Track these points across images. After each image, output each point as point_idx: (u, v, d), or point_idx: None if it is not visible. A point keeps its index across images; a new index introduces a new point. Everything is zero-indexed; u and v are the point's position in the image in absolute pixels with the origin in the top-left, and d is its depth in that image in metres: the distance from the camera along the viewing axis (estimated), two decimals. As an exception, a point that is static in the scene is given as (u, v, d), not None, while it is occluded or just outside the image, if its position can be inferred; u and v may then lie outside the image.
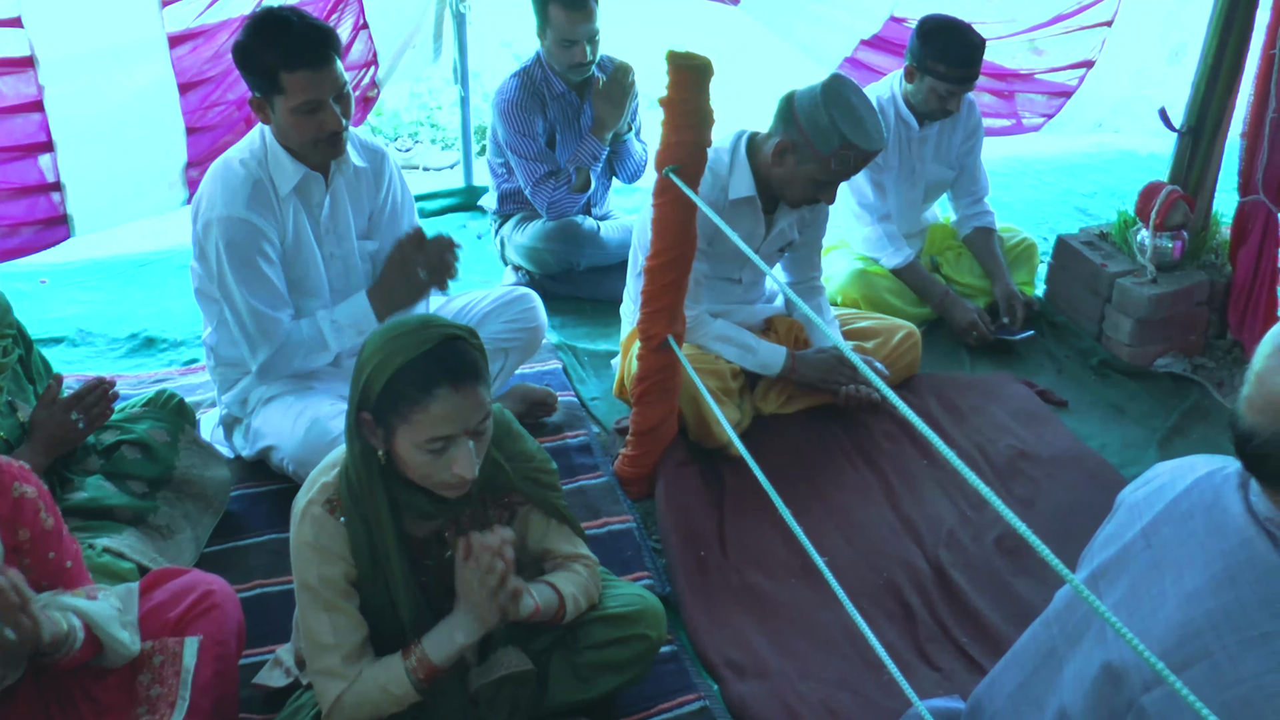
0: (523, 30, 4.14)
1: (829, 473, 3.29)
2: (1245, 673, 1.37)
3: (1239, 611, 1.41)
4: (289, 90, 2.70)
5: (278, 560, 2.84)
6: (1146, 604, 1.54)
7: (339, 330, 2.99)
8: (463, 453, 1.99)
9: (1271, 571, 1.42)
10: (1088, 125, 5.39)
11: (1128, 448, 3.57)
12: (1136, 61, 5.04)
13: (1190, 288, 3.95)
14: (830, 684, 2.56)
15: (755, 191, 3.24)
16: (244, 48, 2.71)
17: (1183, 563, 1.52)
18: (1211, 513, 1.54)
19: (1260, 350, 1.44)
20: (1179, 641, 1.44)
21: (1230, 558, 1.46)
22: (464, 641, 2.09)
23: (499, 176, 4.30)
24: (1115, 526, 1.72)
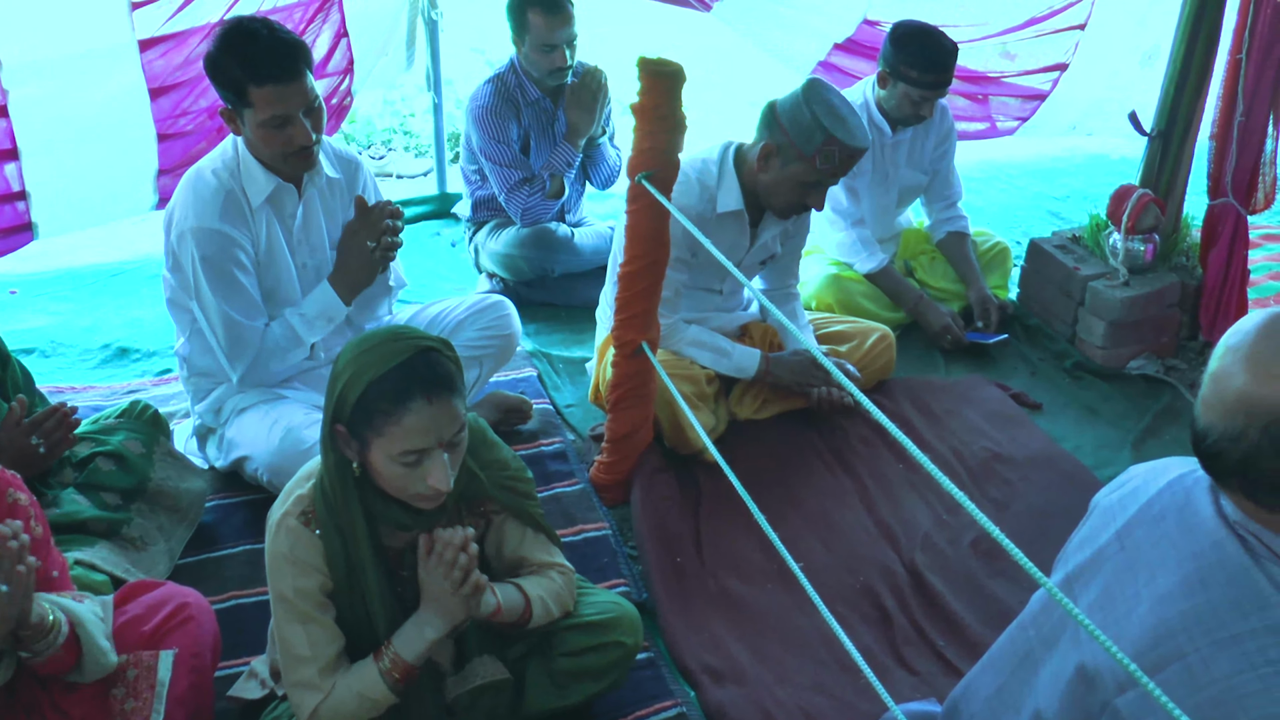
0: (495, 37, 4.14)
1: (805, 477, 3.29)
2: (1217, 674, 1.37)
3: (1210, 613, 1.42)
4: (256, 104, 2.68)
5: (252, 571, 2.83)
6: (1120, 606, 1.54)
7: (309, 322, 2.97)
8: (436, 465, 1.98)
9: (1241, 573, 1.43)
10: (1061, 128, 5.41)
11: (1101, 449, 3.58)
12: (1109, 64, 5.07)
13: (1162, 290, 3.98)
14: (807, 689, 2.56)
15: (743, 205, 3.25)
16: (213, 59, 2.69)
17: (1155, 565, 1.52)
18: (1183, 515, 1.54)
19: (1215, 351, 1.45)
20: (1153, 643, 1.45)
21: (1201, 559, 1.47)
22: (432, 637, 2.08)
23: (473, 183, 4.29)
24: (1090, 529, 1.72)
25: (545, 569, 2.30)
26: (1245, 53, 3.65)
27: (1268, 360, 1.39)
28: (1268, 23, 3.57)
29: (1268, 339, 1.41)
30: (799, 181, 3.09)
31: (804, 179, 3.08)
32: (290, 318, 2.97)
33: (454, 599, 2.05)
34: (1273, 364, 1.38)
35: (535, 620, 2.23)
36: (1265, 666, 1.35)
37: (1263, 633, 1.38)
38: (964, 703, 1.91)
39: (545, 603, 2.24)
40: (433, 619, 2.09)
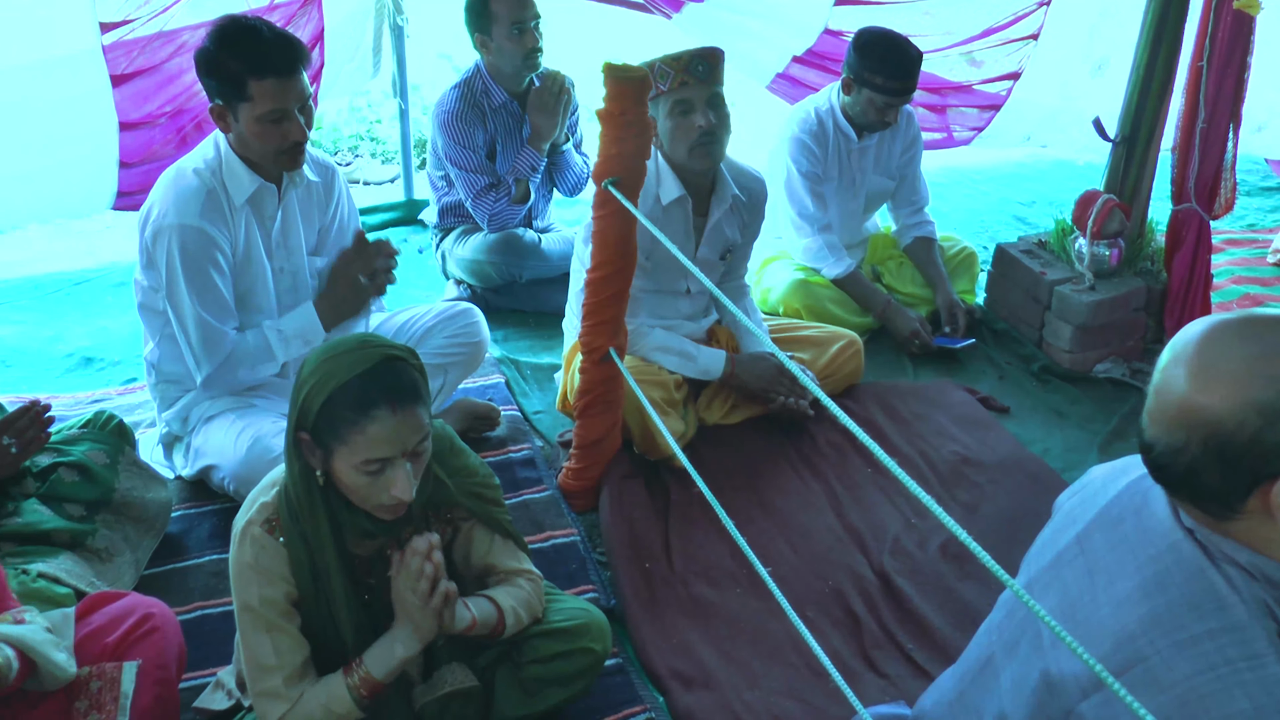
0: (462, 43, 4.12)
1: (774, 482, 3.29)
2: (1178, 675, 1.37)
3: (1169, 615, 1.42)
4: (256, 98, 2.69)
5: (219, 582, 2.80)
6: (1081, 611, 1.55)
7: (285, 341, 2.97)
8: (400, 475, 1.97)
9: (1198, 575, 1.43)
10: (1017, 139, 5.48)
11: (1069, 452, 3.60)
12: (1061, 75, 5.13)
13: (1128, 294, 4.01)
14: (777, 693, 2.56)
15: (684, 191, 3.27)
16: (210, 54, 2.69)
17: (1114, 569, 1.53)
18: (1140, 517, 1.55)
19: (1160, 360, 1.45)
20: (1114, 647, 1.45)
21: (1159, 562, 1.47)
22: (404, 654, 2.07)
23: (439, 190, 4.28)
24: (1051, 532, 1.73)
25: (514, 576, 2.30)
26: (1206, 60, 3.69)
27: (1208, 369, 1.37)
28: (1228, 31, 3.61)
29: (1209, 347, 1.39)
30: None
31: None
32: (268, 331, 2.96)
33: (425, 613, 2.04)
34: (1212, 372, 1.37)
35: (508, 631, 2.22)
36: (1224, 666, 1.35)
37: (1220, 633, 1.38)
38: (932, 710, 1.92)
39: (517, 612, 2.23)
40: (405, 636, 2.07)
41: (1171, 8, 3.72)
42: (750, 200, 3.47)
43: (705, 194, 3.36)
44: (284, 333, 2.97)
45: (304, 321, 2.99)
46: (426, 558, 2.02)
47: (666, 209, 3.28)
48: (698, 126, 3.15)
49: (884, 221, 4.54)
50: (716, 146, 3.20)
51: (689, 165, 3.23)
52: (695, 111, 3.15)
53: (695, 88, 3.13)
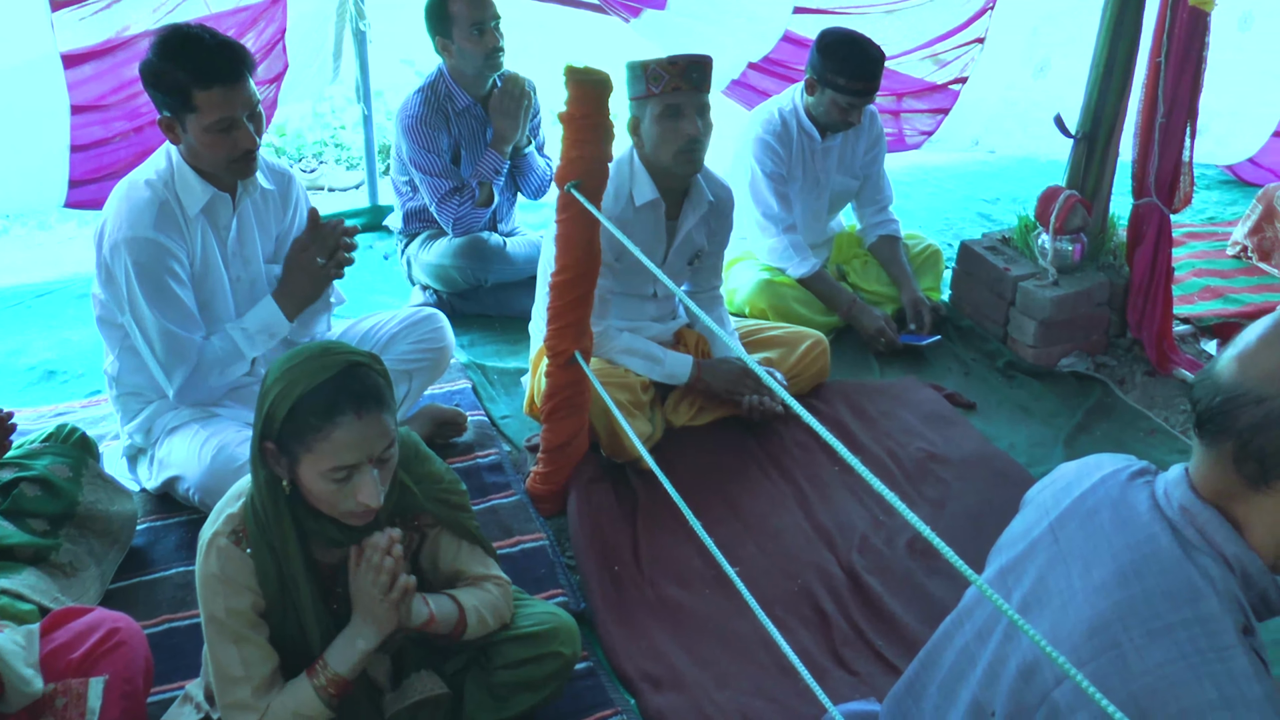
0: (425, 47, 4.12)
1: (742, 482, 3.30)
2: (1150, 663, 1.39)
3: (1144, 603, 1.44)
4: (202, 108, 2.67)
5: (186, 594, 2.78)
6: (1056, 598, 1.56)
7: (250, 337, 2.95)
8: (366, 481, 1.97)
9: (1174, 565, 1.45)
10: (964, 142, 5.55)
11: (1035, 446, 3.62)
12: (1004, 78, 5.19)
13: (1090, 289, 4.04)
14: (747, 692, 2.56)
15: (658, 194, 3.27)
16: (154, 67, 2.67)
17: (1090, 557, 1.54)
18: (1118, 508, 1.56)
19: (1273, 317, 1.45)
20: (1088, 634, 1.46)
21: (1136, 551, 1.49)
22: (365, 648, 2.06)
23: (404, 195, 4.27)
24: (1023, 524, 1.74)
25: (481, 581, 2.29)
26: (1164, 56, 3.72)
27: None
28: (1184, 27, 3.65)
29: None
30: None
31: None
32: (232, 331, 2.94)
33: (384, 606, 2.03)
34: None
35: (471, 631, 2.21)
36: (1195, 656, 1.37)
37: (1194, 622, 1.40)
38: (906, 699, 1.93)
39: (480, 613, 2.23)
40: (364, 629, 2.07)
41: (1129, 5, 3.76)
42: (719, 206, 3.48)
43: (678, 198, 3.36)
44: (248, 330, 2.95)
45: (266, 315, 2.97)
46: (385, 552, 2.02)
47: (639, 210, 3.29)
48: (686, 134, 3.16)
49: (849, 220, 4.56)
50: (700, 154, 3.23)
51: (673, 170, 3.24)
52: (685, 118, 3.15)
53: (688, 94, 3.14)
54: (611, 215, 3.09)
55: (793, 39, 4.79)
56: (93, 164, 3.96)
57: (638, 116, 3.23)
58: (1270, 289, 4.67)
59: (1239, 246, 5.00)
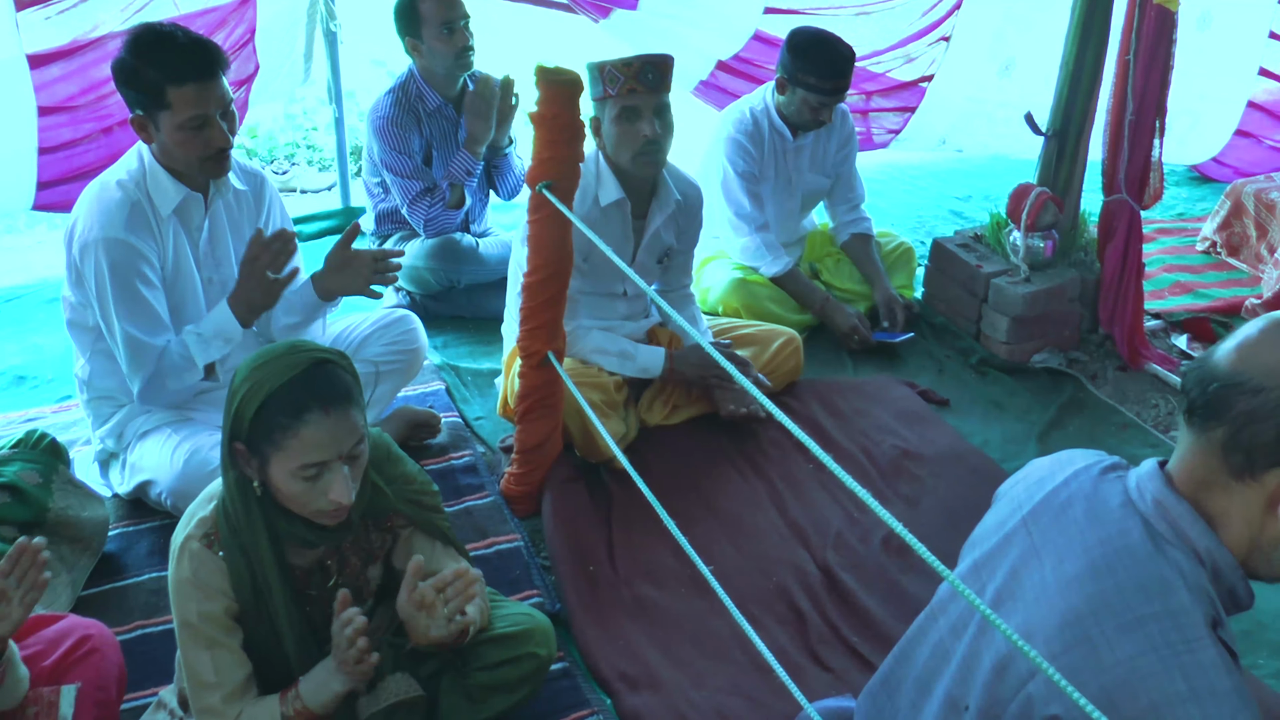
0: (397, 48, 4.11)
1: (716, 481, 3.30)
2: (1121, 656, 1.40)
3: (1116, 596, 1.45)
4: (176, 106, 2.65)
5: (159, 600, 2.76)
6: (1029, 591, 1.57)
7: (205, 342, 2.90)
8: (337, 478, 1.97)
9: (1146, 559, 1.46)
10: (931, 141, 5.58)
11: (1008, 442, 3.64)
12: (970, 76, 5.22)
13: (1062, 285, 4.06)
14: (723, 691, 2.57)
15: (624, 194, 3.27)
16: (126, 65, 2.65)
17: (1063, 550, 1.55)
18: (1090, 502, 1.57)
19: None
20: (1060, 627, 1.47)
21: (1108, 545, 1.50)
22: (339, 690, 2.07)
23: (376, 196, 4.26)
24: (995, 518, 1.75)
25: (456, 583, 2.28)
26: (1133, 54, 3.74)
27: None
28: (1152, 25, 3.67)
29: None
30: None
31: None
32: (187, 337, 2.90)
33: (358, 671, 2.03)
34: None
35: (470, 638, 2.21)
36: (1165, 649, 1.38)
37: (1164, 615, 1.41)
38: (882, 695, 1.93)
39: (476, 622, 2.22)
40: (339, 675, 2.06)
41: (1098, 4, 3.78)
42: (687, 205, 3.48)
43: (645, 197, 3.37)
44: (202, 335, 2.91)
45: (220, 320, 2.93)
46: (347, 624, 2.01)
47: (605, 210, 3.29)
48: (643, 135, 3.16)
49: (821, 218, 4.56)
50: (660, 154, 3.24)
51: (632, 171, 3.24)
52: (642, 119, 3.15)
53: (644, 95, 3.14)
54: (578, 216, 3.08)
55: (763, 38, 4.80)
56: (61, 166, 3.94)
57: (598, 117, 3.23)
58: (1239, 284, 4.71)
59: (1208, 242, 5.04)
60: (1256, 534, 1.46)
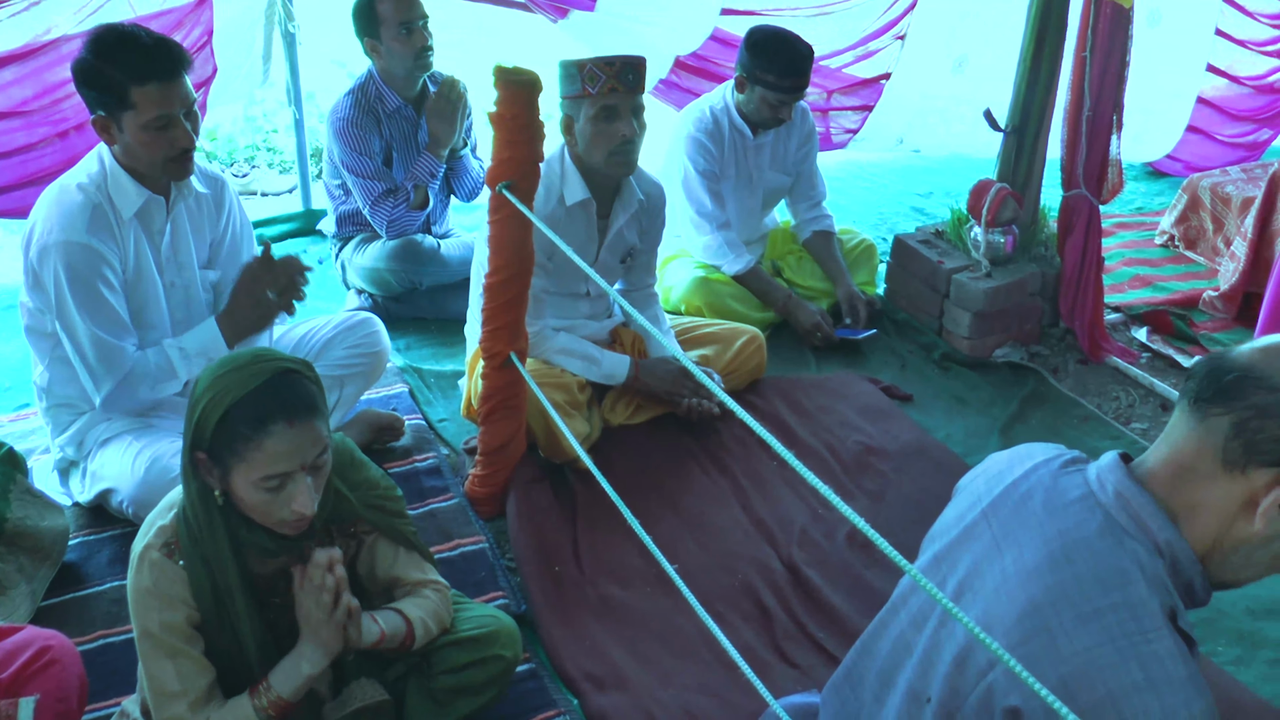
0: (356, 49, 4.09)
1: (680, 480, 3.30)
2: (1079, 646, 1.42)
3: (1075, 588, 1.46)
4: (140, 105, 2.63)
5: (120, 609, 2.72)
6: (989, 582, 1.58)
7: (188, 359, 2.89)
8: (301, 489, 1.95)
9: (1105, 550, 1.48)
10: (889, 141, 5.60)
11: (971, 437, 3.66)
12: (924, 74, 5.26)
13: (1023, 279, 4.09)
14: (690, 689, 2.57)
15: (589, 194, 3.27)
16: (89, 65, 2.62)
17: (1023, 542, 1.56)
18: (1050, 495, 1.59)
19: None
20: (1019, 618, 1.49)
21: (1067, 536, 1.51)
22: (310, 671, 2.04)
23: (336, 198, 4.23)
24: (956, 511, 1.76)
25: (420, 587, 2.27)
26: (1089, 51, 3.78)
27: None
28: (1108, 22, 3.71)
29: None
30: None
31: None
32: (169, 349, 2.88)
33: (330, 628, 2.01)
34: None
35: (418, 643, 2.20)
36: (1123, 639, 1.40)
37: (1122, 606, 1.42)
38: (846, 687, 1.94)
39: (426, 623, 2.21)
40: (311, 652, 2.04)
41: (1054, 2, 3.81)
42: (650, 204, 3.48)
43: (609, 196, 3.36)
44: (186, 350, 2.90)
45: (206, 338, 2.92)
46: (328, 570, 2.00)
47: (570, 210, 3.28)
48: (622, 135, 3.16)
49: (783, 216, 4.58)
50: (634, 155, 3.24)
51: (606, 171, 3.24)
52: (620, 119, 3.15)
53: (624, 95, 3.14)
54: (542, 214, 3.08)
55: (720, 38, 4.81)
56: (16, 171, 3.90)
57: (571, 116, 3.21)
58: (1197, 276, 4.76)
59: (1166, 236, 5.09)
60: (1223, 532, 1.47)
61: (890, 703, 1.76)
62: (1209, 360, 1.51)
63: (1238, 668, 2.75)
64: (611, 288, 2.44)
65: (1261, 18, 5.82)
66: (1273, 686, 2.69)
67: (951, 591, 1.64)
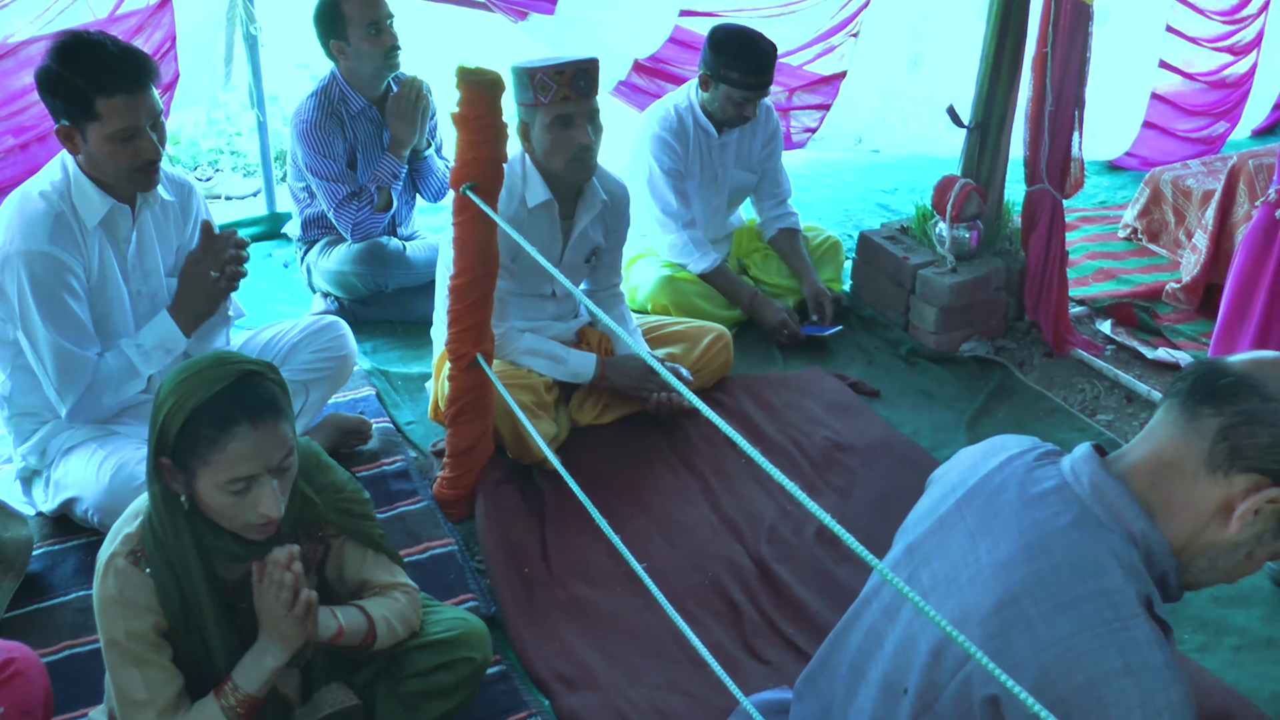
0: (319, 51, 4.07)
1: (648, 479, 3.31)
2: (1059, 634, 1.44)
3: (1052, 577, 1.48)
4: (104, 117, 2.60)
5: (86, 618, 2.69)
6: (964, 573, 1.60)
7: (146, 354, 2.87)
8: (266, 492, 1.94)
9: (1081, 540, 1.50)
10: (847, 140, 5.63)
11: (938, 431, 3.68)
12: (880, 72, 5.29)
13: (988, 274, 4.11)
14: (661, 688, 2.57)
15: (551, 195, 3.27)
16: (53, 74, 2.59)
17: (998, 533, 1.58)
18: (1024, 486, 1.61)
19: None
20: (997, 607, 1.51)
21: (1043, 527, 1.53)
22: (274, 665, 2.03)
23: (301, 201, 4.21)
24: (929, 503, 1.77)
25: (388, 590, 2.27)
26: (1050, 47, 3.80)
27: None
28: (1068, 19, 3.73)
29: None
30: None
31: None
32: (127, 349, 2.86)
33: (289, 622, 2.01)
34: None
35: (380, 641, 2.19)
36: (1101, 626, 1.43)
37: (1099, 594, 1.45)
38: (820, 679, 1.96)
39: (390, 623, 2.21)
40: (272, 646, 2.04)
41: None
42: (614, 204, 3.48)
43: (572, 197, 3.36)
44: (143, 346, 2.87)
45: (163, 331, 2.90)
46: (286, 567, 1.99)
47: (532, 212, 3.28)
48: (578, 142, 3.15)
49: (748, 214, 4.59)
50: (594, 160, 3.24)
51: (566, 177, 3.24)
52: (576, 126, 3.14)
53: (577, 102, 3.13)
54: (505, 216, 3.07)
55: (679, 40, 4.83)
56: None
57: (526, 123, 3.21)
58: (1160, 269, 4.80)
59: (1129, 229, 5.13)
60: (1196, 533, 1.51)
61: (862, 694, 1.78)
62: (1205, 363, 1.53)
63: (1202, 655, 2.78)
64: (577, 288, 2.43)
65: (1213, 15, 5.91)
66: (1236, 673, 2.72)
67: (926, 583, 1.66)
